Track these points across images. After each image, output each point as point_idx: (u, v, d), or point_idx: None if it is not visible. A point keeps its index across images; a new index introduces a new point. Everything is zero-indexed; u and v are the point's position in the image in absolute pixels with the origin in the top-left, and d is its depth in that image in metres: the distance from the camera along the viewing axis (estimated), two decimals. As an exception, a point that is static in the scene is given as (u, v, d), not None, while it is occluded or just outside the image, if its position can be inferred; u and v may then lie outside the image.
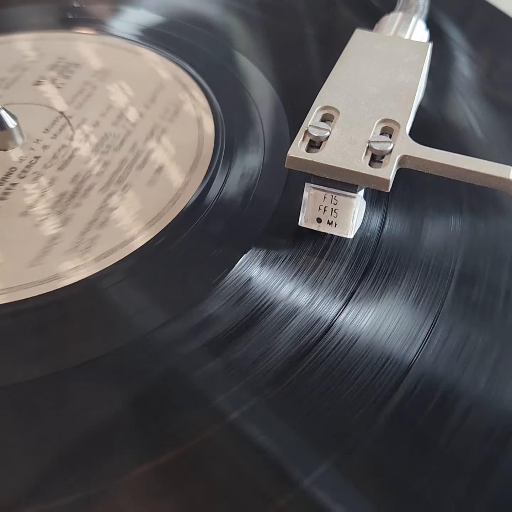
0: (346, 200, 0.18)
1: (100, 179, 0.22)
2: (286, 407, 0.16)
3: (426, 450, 0.15)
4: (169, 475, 0.15)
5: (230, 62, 0.27)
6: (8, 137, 0.23)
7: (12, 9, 0.31)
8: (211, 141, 0.23)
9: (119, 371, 0.17)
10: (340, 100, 0.20)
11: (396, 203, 0.21)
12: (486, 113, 0.25)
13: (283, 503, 0.14)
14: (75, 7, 0.30)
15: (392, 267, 0.19)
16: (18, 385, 0.16)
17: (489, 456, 0.15)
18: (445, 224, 0.20)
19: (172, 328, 0.17)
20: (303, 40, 0.29)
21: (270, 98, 0.25)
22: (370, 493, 0.14)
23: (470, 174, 0.18)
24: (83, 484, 0.15)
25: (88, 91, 0.26)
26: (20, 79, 0.26)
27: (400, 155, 0.18)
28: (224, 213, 0.21)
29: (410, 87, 0.20)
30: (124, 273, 0.19)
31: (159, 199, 0.21)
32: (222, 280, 0.19)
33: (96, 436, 0.15)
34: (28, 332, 0.18)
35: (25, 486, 0.15)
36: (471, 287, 0.18)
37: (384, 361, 0.17)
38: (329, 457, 0.15)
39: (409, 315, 0.18)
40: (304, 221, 0.19)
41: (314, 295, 0.18)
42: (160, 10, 0.30)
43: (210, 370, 0.17)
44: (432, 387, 0.16)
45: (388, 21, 0.24)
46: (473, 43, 0.29)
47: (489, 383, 0.16)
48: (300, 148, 0.18)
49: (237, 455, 0.15)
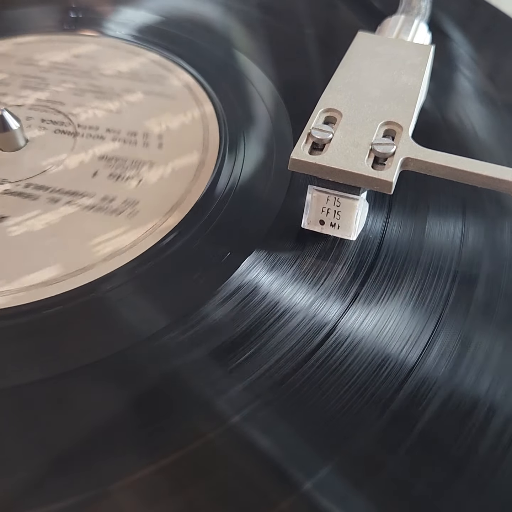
0: (349, 202, 0.19)
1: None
2: (288, 410, 0.16)
3: (428, 452, 0.15)
4: (169, 478, 0.15)
5: (231, 63, 0.27)
6: (11, 139, 0.23)
7: (13, 11, 0.31)
8: (215, 145, 0.23)
9: (121, 373, 0.17)
10: (342, 103, 0.20)
11: (399, 205, 0.21)
12: (488, 115, 0.25)
13: (285, 506, 0.14)
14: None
15: (395, 269, 0.19)
16: (18, 387, 0.16)
17: (492, 457, 0.15)
18: (448, 226, 0.20)
19: (174, 331, 0.17)
20: (305, 42, 0.29)
21: (272, 99, 0.25)
22: (371, 496, 0.14)
23: (473, 176, 0.18)
24: (83, 486, 0.15)
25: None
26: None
27: (402, 157, 0.18)
28: (227, 216, 0.21)
29: (412, 90, 0.20)
30: (125, 277, 0.19)
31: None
32: (225, 283, 0.19)
33: (96, 438, 0.15)
34: (27, 333, 0.18)
35: (24, 488, 0.15)
36: (474, 289, 0.19)
37: (387, 363, 0.17)
38: (330, 460, 0.15)
39: (412, 317, 0.18)
40: (307, 223, 0.19)
41: (317, 297, 0.18)
42: (161, 11, 0.30)
43: (211, 373, 0.17)
44: (435, 389, 0.16)
45: (390, 23, 0.24)
46: (475, 45, 0.29)
47: (493, 385, 0.16)
48: (303, 151, 0.18)
49: (238, 458, 0.15)
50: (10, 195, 0.22)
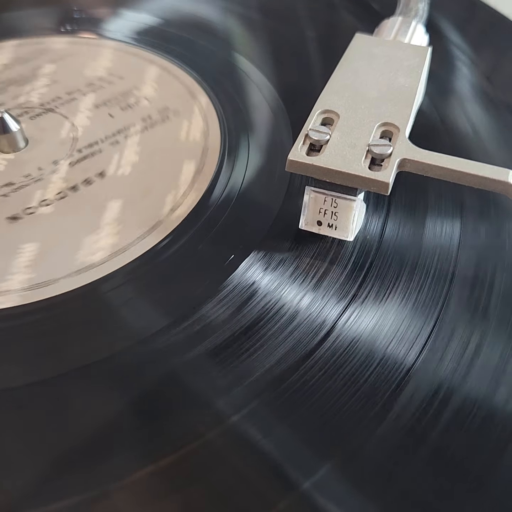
0: (346, 203, 0.19)
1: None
2: (287, 410, 0.16)
3: (427, 452, 0.15)
4: (168, 478, 0.15)
5: (231, 65, 0.28)
6: (11, 141, 0.23)
7: (13, 13, 0.31)
8: (215, 147, 0.23)
9: (119, 373, 0.17)
10: (340, 104, 0.20)
11: (397, 205, 0.21)
12: (486, 117, 0.25)
13: (283, 505, 0.14)
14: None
15: (393, 270, 0.19)
16: (18, 388, 0.17)
17: (493, 458, 0.15)
18: (446, 227, 0.20)
19: (173, 331, 0.18)
20: (303, 43, 0.29)
21: (272, 102, 0.25)
22: (370, 497, 0.14)
23: (469, 177, 0.18)
24: (82, 486, 0.15)
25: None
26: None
27: (399, 158, 0.18)
28: (226, 217, 0.21)
29: (409, 91, 0.21)
30: (124, 277, 0.19)
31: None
32: (223, 283, 0.19)
33: (95, 438, 0.15)
34: (27, 334, 0.18)
35: (24, 489, 0.15)
36: (472, 289, 0.19)
37: (385, 363, 0.17)
38: (329, 460, 0.15)
39: (410, 318, 0.18)
40: (305, 224, 0.20)
41: (314, 298, 0.18)
42: (162, 14, 0.31)
43: (210, 373, 0.17)
44: (433, 390, 0.16)
45: (388, 25, 0.25)
46: (474, 47, 0.29)
47: (492, 385, 0.16)
48: (300, 152, 0.19)
49: (237, 457, 0.15)
50: (81, 162, 0.22)
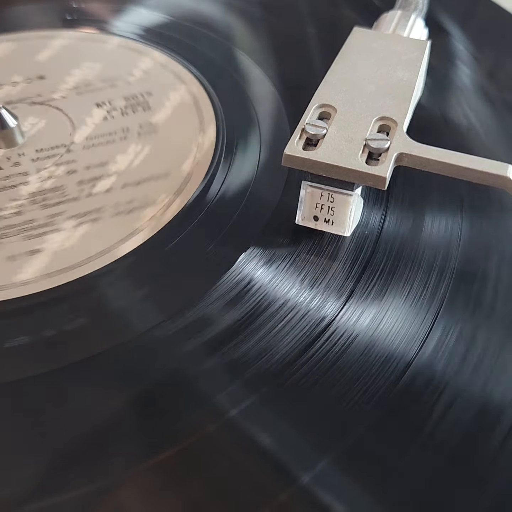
0: (343, 198, 0.18)
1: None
2: (286, 404, 0.16)
3: (427, 447, 0.15)
4: (168, 471, 0.15)
5: (231, 60, 0.27)
6: (8, 136, 0.23)
7: (13, 8, 0.31)
8: (212, 143, 0.23)
9: (119, 369, 0.17)
10: (337, 98, 0.20)
11: (396, 201, 0.21)
12: (486, 111, 0.25)
13: (283, 499, 0.14)
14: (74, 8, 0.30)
15: (392, 265, 0.19)
16: (18, 382, 0.17)
17: (491, 452, 0.15)
18: (445, 222, 0.20)
19: (171, 326, 0.18)
20: (303, 39, 0.29)
21: (271, 97, 0.25)
22: (370, 489, 0.14)
23: (468, 171, 0.18)
24: (83, 482, 0.15)
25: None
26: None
27: (397, 153, 0.18)
28: (223, 212, 0.21)
29: (408, 85, 0.20)
30: (122, 272, 0.19)
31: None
32: (221, 278, 0.19)
33: (96, 433, 0.15)
34: (28, 328, 0.18)
35: (26, 483, 0.15)
36: (470, 285, 0.18)
37: (383, 358, 0.17)
38: (328, 453, 0.15)
39: (409, 313, 0.18)
40: (301, 219, 0.19)
41: (312, 293, 0.18)
42: (162, 9, 0.30)
43: (209, 368, 0.17)
44: (432, 385, 0.16)
45: (387, 19, 0.24)
46: (475, 41, 0.29)
47: (489, 380, 0.16)
48: (297, 146, 0.18)
49: (237, 451, 0.15)
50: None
